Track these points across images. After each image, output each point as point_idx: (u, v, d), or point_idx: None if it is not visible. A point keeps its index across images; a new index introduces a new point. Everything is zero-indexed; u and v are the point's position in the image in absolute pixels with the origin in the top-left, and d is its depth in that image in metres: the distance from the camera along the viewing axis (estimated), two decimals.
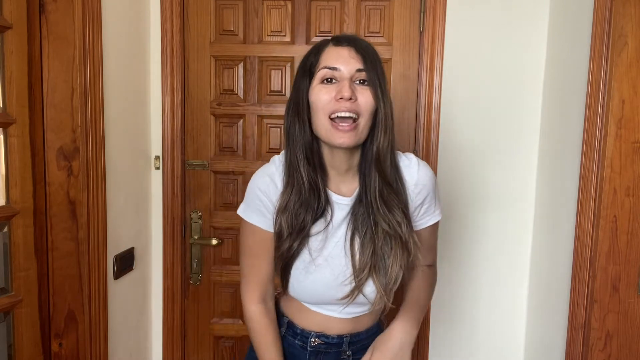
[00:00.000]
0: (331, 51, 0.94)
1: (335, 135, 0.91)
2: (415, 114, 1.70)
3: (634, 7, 1.23)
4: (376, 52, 0.96)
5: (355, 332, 1.08)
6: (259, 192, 1.01)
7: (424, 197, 1.03)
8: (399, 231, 0.96)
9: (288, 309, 1.11)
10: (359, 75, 0.92)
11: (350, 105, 0.90)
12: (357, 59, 0.92)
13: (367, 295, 0.99)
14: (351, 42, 0.94)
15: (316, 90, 0.93)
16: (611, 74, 1.25)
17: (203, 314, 1.82)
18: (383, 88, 0.93)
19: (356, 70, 0.92)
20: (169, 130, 1.74)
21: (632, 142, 1.26)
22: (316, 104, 0.93)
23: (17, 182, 1.25)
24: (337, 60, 0.92)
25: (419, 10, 1.67)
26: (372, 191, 0.96)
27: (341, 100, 0.90)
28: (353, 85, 0.92)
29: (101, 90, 1.39)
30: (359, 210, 0.98)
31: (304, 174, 0.96)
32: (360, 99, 0.91)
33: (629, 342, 1.31)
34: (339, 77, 0.92)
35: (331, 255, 1.00)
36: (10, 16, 1.20)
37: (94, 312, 1.41)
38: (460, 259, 1.73)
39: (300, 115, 0.95)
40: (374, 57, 0.94)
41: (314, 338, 1.06)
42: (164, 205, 1.77)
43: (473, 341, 1.76)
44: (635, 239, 1.28)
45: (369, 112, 0.92)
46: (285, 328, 1.10)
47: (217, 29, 1.73)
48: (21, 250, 1.27)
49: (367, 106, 0.92)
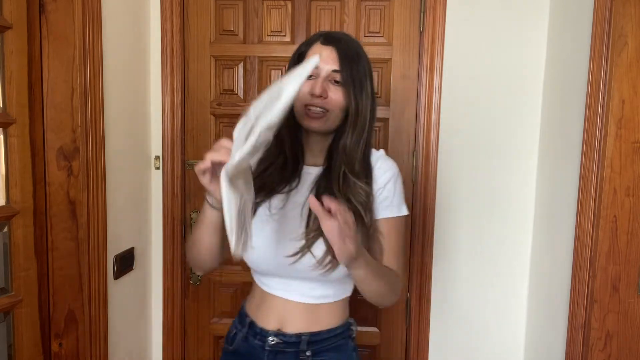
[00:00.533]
0: (317, 48, 1.03)
1: (304, 119, 1.02)
2: (415, 114, 1.70)
3: (634, 7, 1.23)
4: (360, 53, 1.04)
5: (315, 331, 1.06)
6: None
7: (386, 181, 1.07)
8: (361, 213, 1.00)
9: (250, 306, 1.13)
10: (335, 76, 1.01)
11: (321, 102, 1.00)
12: (335, 60, 1.00)
13: (314, 252, 0.98)
14: (336, 42, 1.02)
15: None
16: (611, 74, 1.25)
17: (203, 314, 1.82)
18: (359, 89, 1.01)
19: (332, 70, 1.01)
20: (169, 130, 1.74)
21: (632, 142, 1.26)
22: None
23: (17, 182, 1.25)
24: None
25: (419, 10, 1.67)
26: (337, 177, 1.03)
27: (313, 96, 1.00)
28: (327, 84, 1.01)
29: (101, 90, 1.39)
30: (321, 183, 1.05)
31: (289, 149, 1.07)
32: (331, 96, 1.00)
33: (629, 342, 1.31)
34: (317, 75, 1.01)
35: (287, 214, 1.03)
36: (10, 16, 1.20)
37: (94, 312, 1.41)
38: (460, 259, 1.73)
39: None
40: (354, 59, 1.02)
41: (271, 337, 1.06)
42: (164, 205, 1.77)
43: (473, 341, 1.76)
44: (635, 239, 1.28)
45: (338, 109, 1.02)
46: (247, 329, 1.10)
47: (217, 29, 1.73)
48: (21, 250, 1.27)
49: (336, 104, 1.01)
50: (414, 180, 1.71)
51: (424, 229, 1.71)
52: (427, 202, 1.70)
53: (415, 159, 1.71)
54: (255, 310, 1.11)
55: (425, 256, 1.72)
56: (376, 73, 1.71)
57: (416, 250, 1.72)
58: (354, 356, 1.13)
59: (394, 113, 1.71)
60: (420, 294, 1.74)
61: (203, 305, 1.82)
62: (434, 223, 1.71)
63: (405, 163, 1.71)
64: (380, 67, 1.70)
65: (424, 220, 1.71)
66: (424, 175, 1.69)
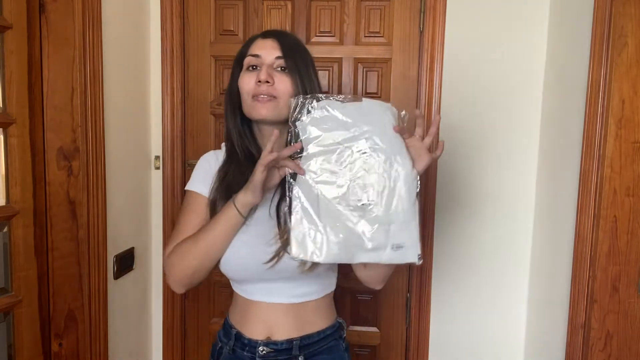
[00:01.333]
0: (258, 42, 1.05)
1: (255, 108, 1.01)
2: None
3: (634, 7, 1.23)
4: (301, 44, 1.08)
5: (305, 335, 1.05)
6: (203, 161, 1.13)
7: None
8: None
9: (234, 317, 1.10)
10: (279, 62, 1.02)
11: (267, 89, 1.00)
12: (278, 49, 1.02)
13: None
14: (276, 35, 1.05)
15: (241, 77, 1.04)
16: (611, 74, 1.25)
17: (203, 314, 1.82)
18: (304, 75, 1.03)
19: (275, 57, 1.02)
20: (169, 130, 1.74)
21: (632, 142, 1.26)
22: (242, 88, 1.03)
23: (17, 182, 1.25)
24: (260, 49, 1.03)
25: (419, 10, 1.67)
26: None
27: (260, 84, 1.00)
28: (272, 72, 1.01)
29: (101, 90, 1.39)
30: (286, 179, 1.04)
31: (239, 148, 1.07)
32: (278, 84, 1.01)
33: (629, 342, 1.31)
34: (261, 64, 1.02)
35: (257, 217, 1.01)
36: (10, 16, 1.20)
37: (94, 312, 1.41)
38: (460, 259, 1.73)
39: (232, 99, 1.07)
40: (296, 48, 1.05)
41: (262, 347, 1.03)
42: (164, 205, 1.77)
43: (473, 341, 1.76)
44: (635, 239, 1.28)
45: (287, 95, 1.01)
46: (233, 341, 1.07)
47: (217, 29, 1.73)
48: (21, 250, 1.27)
49: (284, 90, 1.01)
50: None
51: (423, 229, 1.71)
52: (427, 202, 1.70)
53: None
54: (240, 321, 1.08)
55: (425, 256, 1.72)
56: (376, 73, 1.71)
57: None
58: (346, 356, 1.13)
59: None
60: (420, 294, 1.74)
61: (203, 305, 1.82)
62: (434, 223, 1.71)
63: None
64: (380, 67, 1.70)
65: (424, 220, 1.71)
66: (423, 174, 1.69)
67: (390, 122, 0.92)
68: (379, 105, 0.94)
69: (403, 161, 0.92)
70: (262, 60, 1.02)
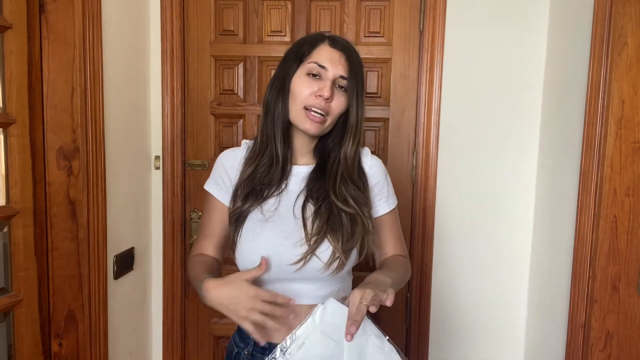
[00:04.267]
0: (326, 50, 1.01)
1: (305, 121, 1.00)
2: (415, 114, 1.70)
3: (634, 7, 1.23)
4: (361, 62, 1.05)
5: None
6: (219, 163, 1.11)
7: (376, 181, 1.10)
8: (357, 209, 1.02)
9: None
10: (341, 81, 1.00)
11: (325, 105, 0.99)
12: (345, 67, 1.00)
13: (319, 254, 0.98)
14: (345, 49, 1.02)
15: (300, 81, 1.00)
16: (611, 74, 1.25)
17: (203, 314, 1.82)
18: (359, 97, 1.02)
19: (340, 76, 1.00)
20: (169, 130, 1.74)
21: (632, 142, 1.26)
22: (297, 93, 1.00)
23: (17, 182, 1.25)
24: (328, 61, 1.00)
25: (419, 10, 1.67)
26: (332, 177, 1.03)
27: (319, 98, 0.98)
28: (334, 87, 0.99)
29: (101, 90, 1.39)
30: (315, 184, 1.04)
31: (279, 148, 1.04)
32: (334, 101, 1.00)
33: (629, 342, 1.31)
34: (324, 76, 0.99)
35: (281, 216, 1.02)
36: (10, 16, 1.20)
37: (94, 312, 1.41)
38: (460, 259, 1.73)
39: (284, 94, 1.03)
40: (359, 68, 1.03)
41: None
42: (164, 205, 1.77)
43: (473, 341, 1.76)
44: (635, 239, 1.28)
45: (337, 114, 1.01)
46: (252, 346, 1.05)
47: (217, 29, 1.73)
48: (21, 250, 1.27)
49: (337, 109, 1.01)
50: (414, 180, 1.71)
51: (424, 229, 1.71)
52: (427, 202, 1.70)
53: (415, 159, 1.71)
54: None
55: (425, 256, 1.72)
56: (376, 73, 1.71)
57: (416, 250, 1.72)
58: None
59: (394, 113, 1.71)
60: (420, 294, 1.74)
61: (203, 305, 1.81)
62: (434, 223, 1.71)
63: (405, 163, 1.71)
64: (380, 67, 1.70)
65: (424, 220, 1.71)
66: (424, 175, 1.69)
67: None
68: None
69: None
70: (327, 74, 0.99)
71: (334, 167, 1.04)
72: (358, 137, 1.04)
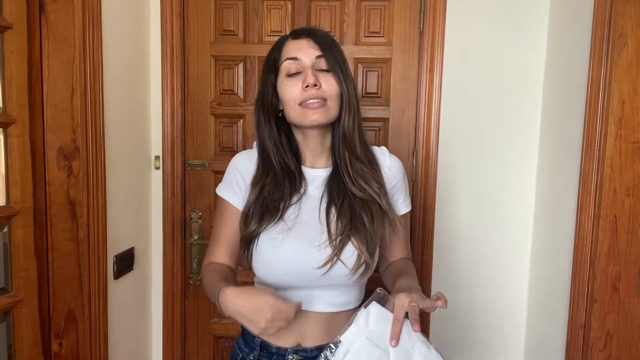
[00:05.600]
0: (291, 44, 1.01)
1: (306, 114, 0.98)
2: (415, 114, 1.70)
3: (634, 7, 1.23)
4: (334, 40, 1.03)
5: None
6: (234, 166, 1.10)
7: (396, 181, 1.09)
8: (377, 199, 1.00)
9: None
10: (320, 62, 0.99)
11: (316, 92, 0.97)
12: (315, 48, 0.99)
13: (345, 260, 0.96)
14: (308, 33, 1.01)
15: (284, 85, 1.00)
16: (611, 74, 1.25)
17: (203, 314, 1.82)
18: (345, 72, 1.00)
19: (316, 57, 0.98)
20: (169, 130, 1.74)
21: (632, 142, 1.26)
22: (286, 97, 1.00)
23: (17, 182, 1.25)
24: (297, 51, 0.99)
25: (419, 10, 1.67)
26: (345, 166, 1.01)
27: (307, 88, 0.96)
28: (316, 73, 0.98)
29: (101, 90, 1.39)
30: (333, 183, 1.02)
31: (275, 160, 1.03)
32: (324, 85, 0.98)
33: (629, 342, 1.31)
34: (302, 67, 0.98)
35: (304, 221, 1.00)
36: (10, 16, 1.20)
37: (94, 312, 1.41)
38: (460, 259, 1.73)
39: (266, 108, 1.04)
40: (332, 45, 1.01)
41: (291, 355, 1.01)
42: (164, 205, 1.77)
43: (473, 341, 1.76)
44: (635, 239, 1.28)
45: (335, 96, 0.99)
46: (258, 351, 1.04)
47: (217, 29, 1.73)
48: (21, 250, 1.27)
49: (331, 91, 0.98)
50: (414, 179, 1.71)
51: (424, 229, 1.71)
52: (427, 202, 1.70)
53: (415, 159, 1.71)
54: None
55: (425, 256, 1.72)
56: (376, 73, 1.71)
57: (416, 250, 1.72)
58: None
59: (394, 113, 1.71)
60: None
61: (203, 305, 1.82)
62: (434, 223, 1.71)
63: (405, 163, 1.71)
64: (380, 67, 1.70)
65: (424, 220, 1.71)
66: (424, 174, 1.69)
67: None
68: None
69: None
70: (303, 63, 0.98)
71: (341, 152, 1.02)
72: (353, 111, 1.01)
